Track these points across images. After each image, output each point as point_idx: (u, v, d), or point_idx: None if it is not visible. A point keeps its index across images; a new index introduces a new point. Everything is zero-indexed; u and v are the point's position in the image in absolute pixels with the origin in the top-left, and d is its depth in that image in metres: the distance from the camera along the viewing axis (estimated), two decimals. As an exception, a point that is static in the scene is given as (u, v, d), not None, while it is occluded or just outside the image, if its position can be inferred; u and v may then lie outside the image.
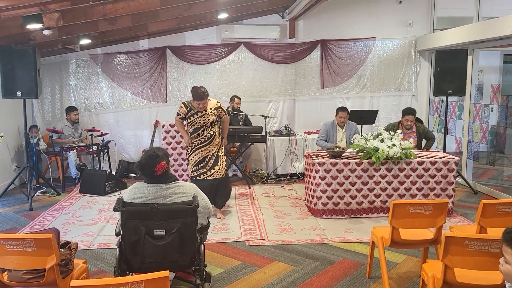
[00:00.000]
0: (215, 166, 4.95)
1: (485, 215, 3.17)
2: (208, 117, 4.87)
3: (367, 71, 7.87)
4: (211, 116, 4.88)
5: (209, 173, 4.93)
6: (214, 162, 4.95)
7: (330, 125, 6.34)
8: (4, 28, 5.17)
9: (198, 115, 4.86)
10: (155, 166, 2.88)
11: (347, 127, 6.32)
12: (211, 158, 4.94)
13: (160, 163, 2.90)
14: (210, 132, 4.91)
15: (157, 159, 2.91)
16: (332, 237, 4.48)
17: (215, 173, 4.94)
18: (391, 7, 7.82)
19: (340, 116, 6.26)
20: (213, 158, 4.95)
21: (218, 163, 4.97)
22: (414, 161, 5.04)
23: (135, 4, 5.16)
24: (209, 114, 4.88)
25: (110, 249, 4.17)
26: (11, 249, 2.55)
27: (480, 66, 6.87)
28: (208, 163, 4.94)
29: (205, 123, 4.87)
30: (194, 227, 2.87)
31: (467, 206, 5.58)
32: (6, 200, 5.95)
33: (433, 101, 7.98)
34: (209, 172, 4.93)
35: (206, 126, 4.89)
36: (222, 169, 4.99)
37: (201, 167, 4.94)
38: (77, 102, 7.53)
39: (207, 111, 4.88)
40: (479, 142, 6.80)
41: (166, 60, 7.56)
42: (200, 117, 4.86)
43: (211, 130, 4.92)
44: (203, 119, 4.86)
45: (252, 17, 7.56)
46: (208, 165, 4.94)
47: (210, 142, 4.93)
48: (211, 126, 4.92)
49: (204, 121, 4.86)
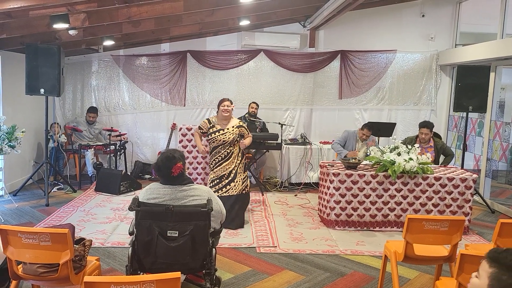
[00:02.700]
0: (231, 183, 4.94)
1: (502, 234, 3.11)
2: (229, 135, 4.92)
3: (387, 83, 7.82)
4: (232, 135, 4.92)
5: (224, 190, 4.92)
6: (231, 180, 4.93)
7: (352, 134, 6.33)
8: (31, 27, 5.30)
9: (219, 133, 4.92)
10: (171, 167, 2.90)
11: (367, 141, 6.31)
12: (228, 177, 4.93)
13: (177, 164, 2.92)
14: (228, 150, 4.94)
15: (174, 160, 2.93)
16: (344, 248, 4.44)
17: (230, 189, 4.92)
18: (414, 20, 7.77)
19: (363, 134, 6.23)
20: (230, 176, 4.93)
21: (234, 180, 4.95)
22: (431, 176, 4.97)
23: (159, 8, 5.25)
24: (230, 133, 4.93)
25: (123, 247, 4.21)
26: (28, 242, 2.60)
27: (503, 84, 6.76)
28: (224, 181, 4.93)
29: (225, 141, 4.90)
30: (207, 231, 2.88)
31: (484, 225, 5.47)
32: (24, 195, 6.07)
33: (453, 117, 7.87)
34: (224, 188, 4.92)
35: (225, 145, 4.92)
36: (238, 186, 4.95)
37: (216, 183, 4.95)
38: (97, 102, 7.66)
39: (229, 129, 4.93)
40: (499, 161, 6.67)
41: (186, 64, 7.65)
42: (221, 135, 4.91)
43: (229, 148, 4.94)
44: (223, 136, 4.91)
45: (273, 25, 7.61)
46: (222, 183, 4.93)
47: (228, 159, 4.94)
48: (230, 145, 4.95)
49: (224, 139, 4.90)
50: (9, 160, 5.98)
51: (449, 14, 7.77)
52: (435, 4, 7.74)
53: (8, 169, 6.08)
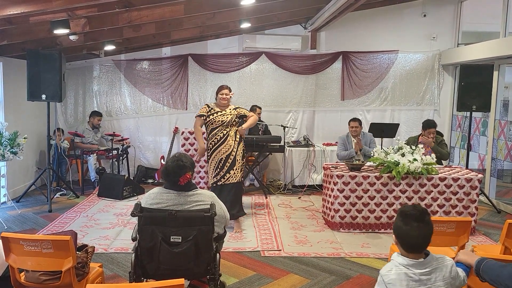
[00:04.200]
0: (231, 170, 4.90)
1: (510, 235, 3.07)
2: (227, 116, 4.91)
3: (389, 84, 7.78)
4: (230, 116, 4.92)
5: (226, 177, 4.89)
6: (230, 166, 4.90)
7: (345, 137, 6.29)
8: (32, 33, 5.30)
9: (218, 114, 4.91)
10: (180, 176, 2.87)
11: (362, 138, 6.25)
12: (226, 161, 4.88)
13: (186, 174, 2.88)
14: (223, 132, 4.90)
15: (184, 169, 2.89)
16: (349, 251, 4.40)
17: (230, 177, 4.90)
18: (415, 20, 7.74)
19: (352, 126, 6.20)
20: (229, 162, 4.89)
21: (234, 167, 4.91)
22: (435, 176, 4.93)
23: (159, 12, 5.23)
24: (228, 114, 4.93)
25: (126, 253, 4.18)
26: (30, 249, 2.58)
27: (506, 83, 6.71)
28: (224, 166, 4.88)
29: (223, 121, 4.89)
30: (211, 236, 2.85)
31: (490, 225, 5.42)
32: (27, 201, 6.05)
33: (456, 116, 7.82)
34: (225, 176, 4.88)
35: (222, 126, 4.90)
36: (237, 174, 4.94)
37: (218, 172, 4.90)
38: (99, 106, 7.65)
39: (226, 111, 4.93)
40: (504, 160, 6.62)
41: (188, 67, 7.64)
42: (220, 116, 4.90)
43: (225, 130, 4.91)
44: (222, 117, 4.90)
45: (274, 27, 7.59)
46: (224, 169, 4.88)
47: (224, 141, 4.89)
48: (227, 126, 4.92)
49: (222, 119, 4.89)
50: (11, 167, 5.97)
51: (451, 14, 7.73)
52: (436, 4, 7.70)
53: (11, 176, 6.07)
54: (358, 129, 6.21)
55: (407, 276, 1.92)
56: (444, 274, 1.94)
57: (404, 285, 1.91)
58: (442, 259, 1.98)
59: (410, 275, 1.92)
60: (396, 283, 1.91)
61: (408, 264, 1.93)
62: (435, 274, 1.93)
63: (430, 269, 1.93)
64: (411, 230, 1.93)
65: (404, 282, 1.91)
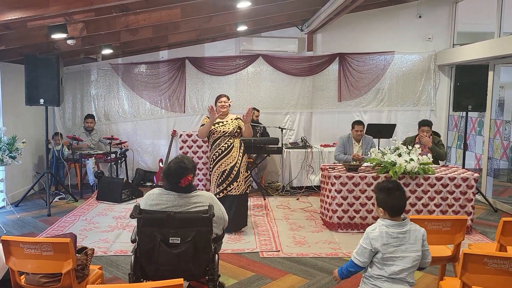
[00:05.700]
0: (234, 182, 4.86)
1: (505, 233, 3.10)
2: (229, 126, 4.91)
3: (385, 85, 7.83)
4: (231, 126, 4.91)
5: (228, 189, 4.86)
6: (233, 178, 4.85)
7: (346, 138, 6.30)
8: (30, 37, 5.33)
9: (218, 125, 4.91)
10: (181, 178, 2.89)
11: (363, 141, 6.27)
12: (230, 173, 4.85)
13: (187, 176, 2.91)
14: (228, 142, 4.89)
15: (186, 172, 2.91)
16: (347, 251, 4.43)
17: (233, 189, 4.86)
18: (411, 21, 7.79)
19: (357, 130, 6.21)
20: (233, 174, 4.85)
21: (237, 179, 4.88)
22: (432, 176, 4.96)
23: (156, 15, 5.27)
24: (229, 124, 4.92)
25: (125, 256, 4.20)
26: (30, 252, 2.59)
27: (502, 82, 6.76)
28: (228, 178, 4.84)
29: (225, 131, 4.88)
30: (209, 237, 2.87)
31: (487, 224, 5.45)
32: (26, 205, 6.07)
33: (453, 116, 7.87)
34: (228, 188, 4.85)
35: (225, 136, 4.89)
36: (240, 186, 4.90)
37: (220, 182, 4.86)
38: (97, 110, 7.67)
39: (228, 121, 4.93)
40: (500, 159, 6.66)
41: (185, 71, 7.66)
42: (221, 126, 4.90)
43: (229, 140, 4.90)
44: (223, 127, 4.90)
45: (271, 30, 7.63)
46: (227, 181, 4.84)
47: (228, 152, 4.88)
48: (230, 137, 4.91)
49: (224, 129, 4.88)
50: (10, 171, 5.98)
51: (446, 14, 7.79)
52: (431, 5, 7.76)
53: (10, 180, 6.08)
54: (363, 133, 6.24)
55: (387, 234, 2.45)
56: (417, 235, 2.47)
57: (385, 240, 2.43)
58: (416, 225, 2.52)
59: (390, 233, 2.45)
60: (378, 239, 2.44)
61: (389, 225, 2.47)
62: (409, 234, 2.46)
63: (406, 229, 2.46)
64: (396, 198, 2.49)
65: (385, 239, 2.44)
